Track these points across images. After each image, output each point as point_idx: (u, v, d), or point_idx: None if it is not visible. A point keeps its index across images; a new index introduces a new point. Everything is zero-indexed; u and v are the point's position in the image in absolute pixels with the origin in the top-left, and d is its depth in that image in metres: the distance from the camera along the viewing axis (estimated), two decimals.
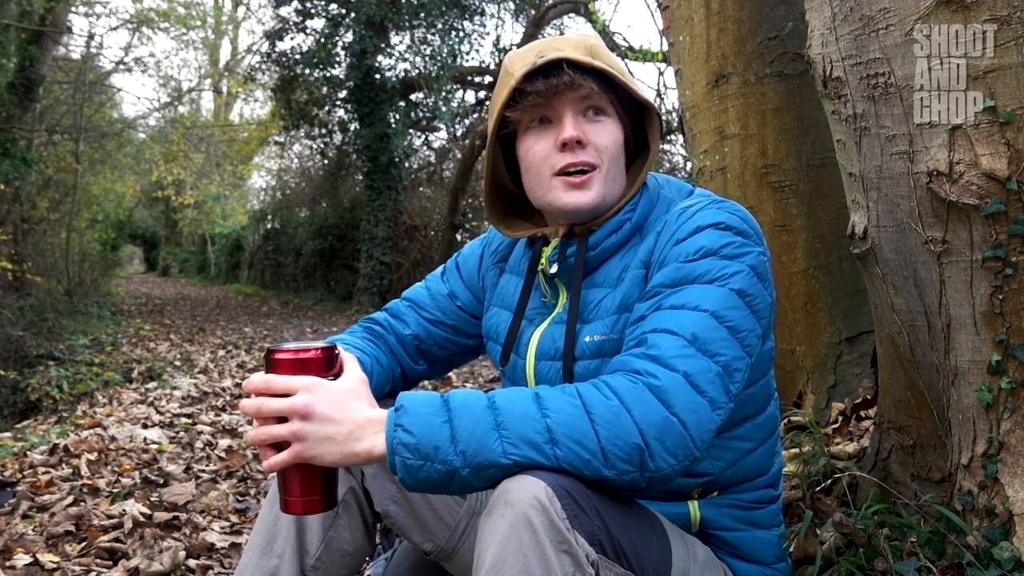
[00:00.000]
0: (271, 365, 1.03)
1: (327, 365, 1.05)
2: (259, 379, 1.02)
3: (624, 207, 1.22)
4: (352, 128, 13.42)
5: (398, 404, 0.98)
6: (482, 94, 14.16)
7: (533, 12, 13.02)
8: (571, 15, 13.02)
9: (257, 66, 14.70)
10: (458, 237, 13.48)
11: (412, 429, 0.95)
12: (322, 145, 14.75)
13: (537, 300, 1.29)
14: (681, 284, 1.08)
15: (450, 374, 5.47)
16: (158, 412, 4.51)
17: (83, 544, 2.22)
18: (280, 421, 1.00)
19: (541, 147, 1.20)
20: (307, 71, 12.60)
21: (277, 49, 12.85)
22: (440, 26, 12.42)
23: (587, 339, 1.18)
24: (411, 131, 13.97)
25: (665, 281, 1.10)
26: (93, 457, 3.11)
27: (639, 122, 1.29)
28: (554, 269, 1.24)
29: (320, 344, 1.06)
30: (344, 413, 0.99)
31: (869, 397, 2.07)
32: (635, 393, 0.97)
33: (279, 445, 1.01)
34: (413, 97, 13.62)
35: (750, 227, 1.15)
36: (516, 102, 1.18)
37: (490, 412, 0.96)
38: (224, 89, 23.28)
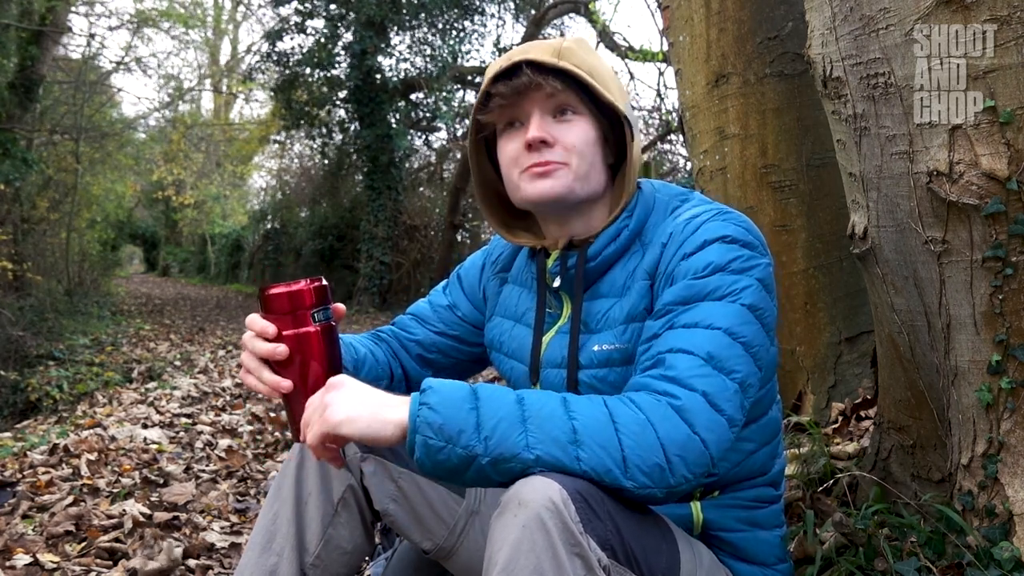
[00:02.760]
0: (263, 303, 1.14)
1: (318, 298, 1.15)
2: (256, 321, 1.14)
3: (620, 215, 1.22)
4: (352, 128, 13.41)
5: (424, 386, 0.98)
6: None
7: (533, 12, 13.00)
8: (571, 15, 13.01)
9: (257, 66, 14.69)
10: (458, 237, 13.47)
11: (439, 409, 0.95)
12: (322, 145, 14.74)
13: (544, 310, 1.30)
14: (692, 302, 1.09)
15: None
16: (158, 412, 4.51)
17: (83, 544, 2.21)
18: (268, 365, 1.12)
19: (511, 148, 1.21)
20: (307, 71, 12.59)
21: (277, 49, 12.84)
22: (440, 26, 12.42)
23: (596, 348, 1.19)
24: (411, 131, 13.97)
25: (676, 299, 1.10)
26: (93, 457, 3.11)
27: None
28: (556, 283, 1.24)
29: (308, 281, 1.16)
30: (369, 393, 1.02)
31: (869, 397, 2.07)
32: (659, 410, 0.98)
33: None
34: (413, 97, 13.61)
35: (755, 238, 1.15)
36: (486, 105, 1.21)
37: (518, 406, 0.97)
38: (224, 89, 23.26)
